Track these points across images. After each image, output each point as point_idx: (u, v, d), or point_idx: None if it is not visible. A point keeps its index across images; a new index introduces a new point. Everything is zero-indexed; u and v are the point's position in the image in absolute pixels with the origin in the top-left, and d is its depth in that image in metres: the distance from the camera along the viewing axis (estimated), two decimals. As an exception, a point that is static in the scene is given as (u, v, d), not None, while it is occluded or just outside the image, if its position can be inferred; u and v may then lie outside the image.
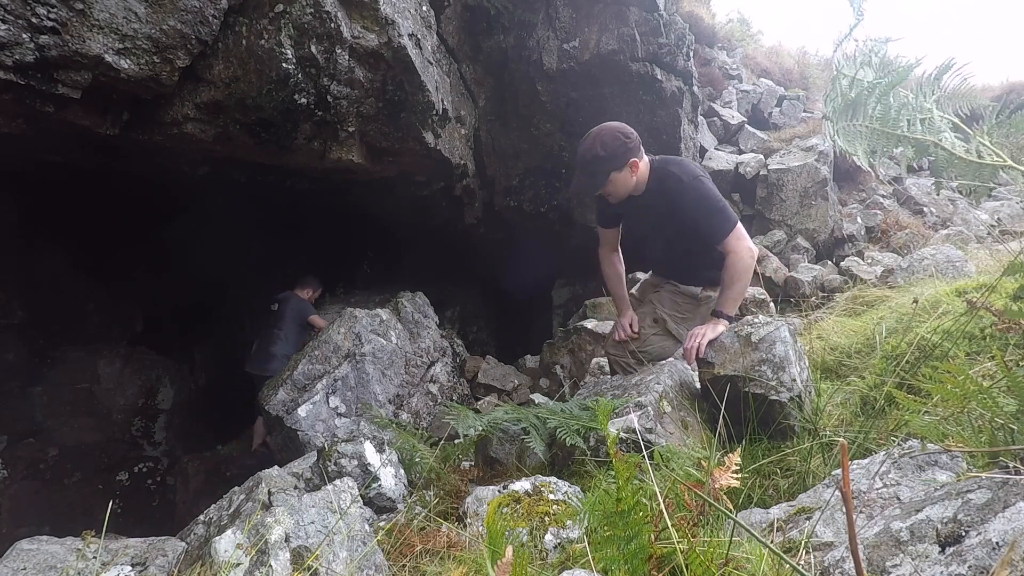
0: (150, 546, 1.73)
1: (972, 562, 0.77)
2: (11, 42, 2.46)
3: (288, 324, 5.04)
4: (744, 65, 10.75)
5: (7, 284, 5.32)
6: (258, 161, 4.12)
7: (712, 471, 1.17)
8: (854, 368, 2.58)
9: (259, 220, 6.03)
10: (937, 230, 6.67)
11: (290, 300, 5.19)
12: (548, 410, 2.13)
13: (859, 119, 0.68)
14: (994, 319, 1.65)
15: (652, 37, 4.78)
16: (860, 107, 0.69)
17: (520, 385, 4.87)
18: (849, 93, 0.68)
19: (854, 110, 0.69)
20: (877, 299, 3.66)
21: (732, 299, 2.42)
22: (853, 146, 0.67)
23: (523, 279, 6.16)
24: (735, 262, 2.41)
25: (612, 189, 2.48)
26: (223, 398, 6.29)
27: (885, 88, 0.66)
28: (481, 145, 5.30)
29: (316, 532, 1.49)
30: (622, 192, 2.51)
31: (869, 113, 0.67)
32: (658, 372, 2.28)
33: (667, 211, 2.48)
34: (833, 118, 0.69)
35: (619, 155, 2.40)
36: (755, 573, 1.02)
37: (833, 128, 0.69)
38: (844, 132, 0.68)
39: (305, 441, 3.73)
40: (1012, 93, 9.61)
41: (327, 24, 3.32)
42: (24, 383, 5.36)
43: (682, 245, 2.61)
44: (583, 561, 1.22)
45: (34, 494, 5.06)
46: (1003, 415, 1.09)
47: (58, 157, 3.84)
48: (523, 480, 1.77)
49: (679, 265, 2.76)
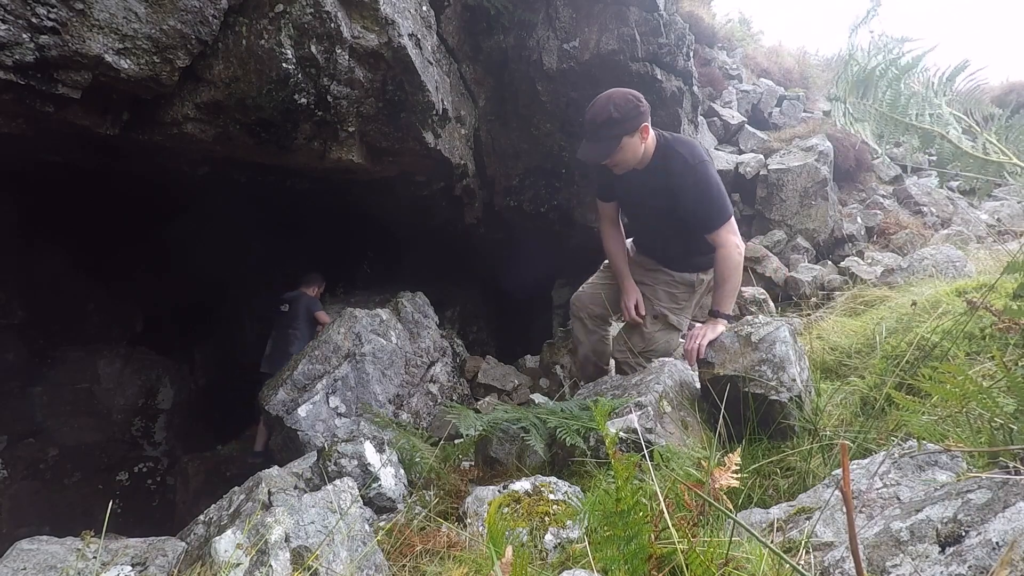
0: (150, 546, 1.73)
1: (972, 562, 0.77)
2: (11, 42, 2.46)
3: (302, 323, 5.09)
4: (744, 65, 10.75)
5: (7, 284, 5.32)
6: (258, 161, 4.12)
7: (712, 471, 1.17)
8: (854, 368, 2.58)
9: (259, 220, 6.03)
10: (937, 230, 6.67)
11: (301, 299, 5.23)
12: (548, 410, 2.14)
13: (869, 100, 0.68)
14: (994, 319, 1.66)
15: (652, 37, 4.78)
16: (871, 88, 0.68)
17: (520, 385, 4.87)
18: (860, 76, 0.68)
19: (865, 88, 0.69)
20: (877, 299, 3.66)
21: (727, 296, 2.41)
22: (861, 126, 0.67)
23: (523, 279, 6.16)
24: (725, 257, 2.39)
25: (621, 157, 2.38)
26: (223, 398, 6.29)
27: (897, 74, 0.66)
28: (481, 145, 5.30)
29: (316, 532, 1.49)
30: (631, 160, 2.41)
31: (879, 96, 0.67)
32: (658, 372, 2.28)
33: (667, 190, 2.41)
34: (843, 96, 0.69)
35: (632, 118, 2.31)
36: (755, 573, 1.02)
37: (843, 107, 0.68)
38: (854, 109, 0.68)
39: (305, 441, 3.73)
40: (1012, 93, 9.61)
41: (327, 24, 3.32)
42: (24, 383, 5.36)
43: (675, 227, 2.55)
44: (583, 561, 1.22)
45: (34, 494, 5.06)
46: (1002, 415, 1.09)
47: (58, 157, 3.84)
48: (523, 480, 1.77)
49: (671, 248, 2.70)
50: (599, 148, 2.36)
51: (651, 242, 2.81)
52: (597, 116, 2.32)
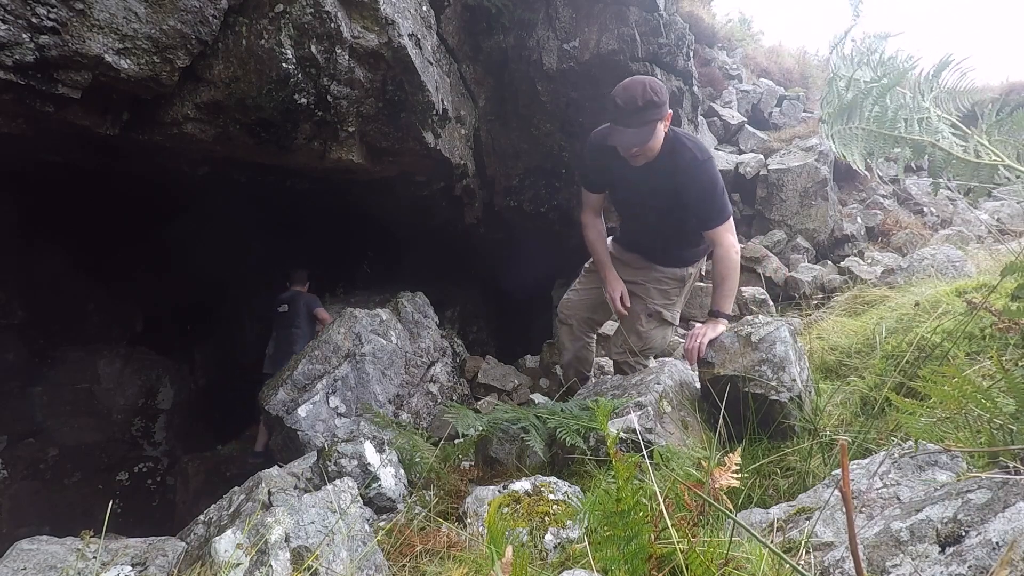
0: (150, 546, 1.73)
1: (972, 562, 0.77)
2: (11, 42, 2.46)
3: (303, 321, 5.10)
4: (744, 65, 10.76)
5: (7, 284, 5.32)
6: (258, 161, 4.12)
7: (712, 471, 1.17)
8: (854, 368, 2.58)
9: (259, 220, 6.03)
10: (937, 230, 6.67)
11: (299, 298, 5.25)
12: (548, 410, 2.14)
13: (855, 121, 0.68)
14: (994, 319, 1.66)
15: (652, 37, 4.78)
16: (856, 109, 0.68)
17: (520, 385, 4.87)
18: (846, 95, 0.68)
19: (850, 113, 0.69)
20: (877, 299, 3.66)
21: (726, 296, 2.40)
22: (849, 149, 0.67)
23: (523, 279, 6.16)
24: (724, 256, 2.38)
25: (653, 143, 2.27)
26: (223, 398, 6.29)
27: (882, 89, 0.66)
28: (481, 145, 5.30)
29: (316, 532, 1.49)
30: (654, 147, 2.30)
31: (866, 115, 0.67)
32: (658, 372, 2.28)
33: (671, 184, 2.36)
34: (829, 121, 0.69)
35: (666, 103, 2.23)
36: (755, 573, 1.02)
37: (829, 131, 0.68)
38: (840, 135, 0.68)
39: (305, 441, 3.73)
40: (1012, 93, 9.61)
41: (327, 24, 3.32)
42: (24, 383, 5.36)
43: (673, 225, 2.52)
44: (583, 561, 1.22)
45: (34, 494, 5.06)
46: (1002, 415, 1.09)
47: (58, 157, 3.85)
48: (523, 480, 1.77)
49: (663, 245, 2.66)
50: (640, 133, 2.23)
51: (643, 239, 2.75)
52: (636, 99, 2.19)
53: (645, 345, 2.73)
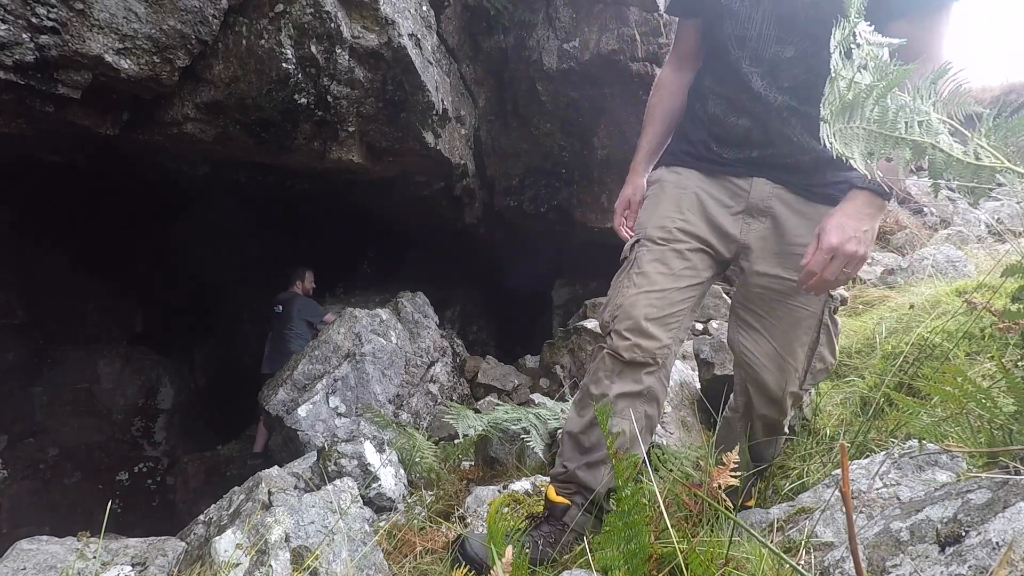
0: (150, 546, 1.73)
1: (972, 562, 0.77)
2: (11, 42, 2.46)
3: (297, 322, 5.10)
4: (744, 65, 10.73)
5: (7, 284, 5.32)
6: (258, 161, 4.12)
7: (711, 471, 1.17)
8: (854, 368, 2.58)
9: (259, 220, 6.03)
10: (937, 230, 6.67)
11: (294, 299, 5.24)
12: (548, 410, 2.14)
13: (856, 121, 0.68)
14: (994, 319, 1.66)
15: (652, 37, 4.78)
16: (857, 109, 0.68)
17: (520, 385, 4.87)
18: (847, 95, 0.68)
19: (851, 112, 0.68)
20: (877, 299, 3.66)
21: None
22: (850, 149, 0.67)
23: (523, 279, 6.16)
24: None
25: None
26: (223, 398, 6.29)
27: (883, 90, 0.66)
28: (481, 145, 5.30)
29: (316, 532, 1.49)
30: None
31: (867, 115, 0.67)
32: (658, 372, 2.27)
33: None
34: (830, 120, 0.69)
35: None
36: (755, 573, 1.02)
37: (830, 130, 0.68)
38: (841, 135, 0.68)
39: (305, 441, 3.73)
40: (1012, 93, 9.61)
41: (327, 24, 3.32)
42: (24, 383, 5.36)
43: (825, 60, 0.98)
44: (583, 561, 1.22)
45: (34, 494, 5.06)
46: (1002, 416, 1.09)
47: (58, 157, 3.85)
48: (523, 480, 1.77)
49: (814, 149, 1.30)
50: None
51: (770, 127, 1.36)
52: None
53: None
